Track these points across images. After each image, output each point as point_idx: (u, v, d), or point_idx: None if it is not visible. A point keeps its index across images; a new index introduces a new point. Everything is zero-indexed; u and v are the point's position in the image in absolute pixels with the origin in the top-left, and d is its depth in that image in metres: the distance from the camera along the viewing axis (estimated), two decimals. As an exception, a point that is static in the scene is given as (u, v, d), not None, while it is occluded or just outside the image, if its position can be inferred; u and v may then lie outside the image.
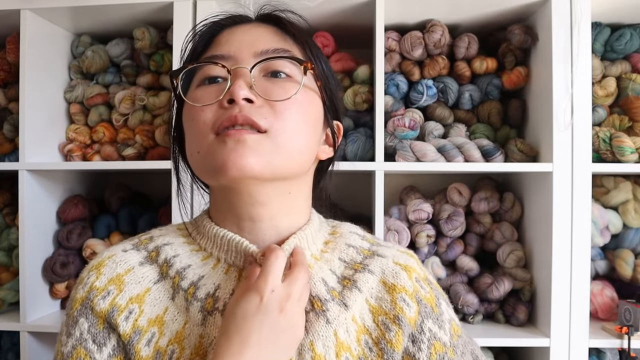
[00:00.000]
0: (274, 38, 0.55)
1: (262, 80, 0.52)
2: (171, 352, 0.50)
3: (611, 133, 1.15)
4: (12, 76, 1.32)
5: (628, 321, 1.10)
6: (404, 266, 0.57)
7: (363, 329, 0.53)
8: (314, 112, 0.55)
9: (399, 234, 1.19)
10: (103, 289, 0.52)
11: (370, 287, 0.55)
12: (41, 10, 1.19)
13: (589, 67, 1.09)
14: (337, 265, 0.56)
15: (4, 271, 1.31)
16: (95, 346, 0.51)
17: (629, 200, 1.21)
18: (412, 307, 0.54)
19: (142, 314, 0.52)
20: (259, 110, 0.49)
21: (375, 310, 0.54)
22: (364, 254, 0.58)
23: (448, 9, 1.18)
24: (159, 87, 1.31)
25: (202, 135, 0.50)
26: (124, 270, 0.54)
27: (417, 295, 0.55)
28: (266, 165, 0.48)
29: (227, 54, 0.53)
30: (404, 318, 0.53)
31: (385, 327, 0.53)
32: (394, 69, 1.24)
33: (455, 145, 1.15)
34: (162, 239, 0.58)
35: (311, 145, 0.54)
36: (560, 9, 1.09)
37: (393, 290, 0.55)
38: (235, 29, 0.56)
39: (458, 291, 1.19)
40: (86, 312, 0.52)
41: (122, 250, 0.56)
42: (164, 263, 0.55)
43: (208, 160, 0.50)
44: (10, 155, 1.33)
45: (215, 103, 0.50)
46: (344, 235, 0.60)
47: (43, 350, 1.23)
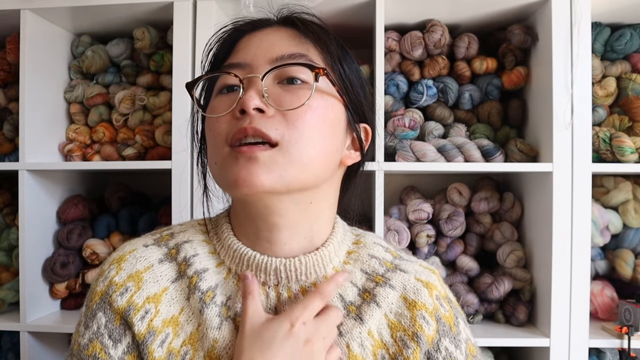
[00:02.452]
0: (291, 42, 0.54)
1: (276, 87, 0.51)
2: (184, 354, 0.51)
3: (611, 133, 1.15)
4: (12, 76, 1.32)
5: (628, 321, 1.10)
6: (425, 283, 0.56)
7: (380, 343, 0.53)
8: (331, 118, 0.53)
9: (399, 234, 1.19)
10: (122, 284, 0.52)
11: (390, 302, 0.54)
12: (41, 10, 1.19)
13: (589, 67, 1.09)
14: (359, 277, 0.56)
15: (4, 271, 1.31)
16: (110, 342, 0.51)
17: (629, 200, 1.21)
18: (431, 325, 0.54)
19: (158, 314, 0.52)
20: (270, 121, 0.49)
21: (394, 326, 0.54)
22: (386, 266, 0.57)
23: (448, 9, 1.18)
24: (159, 87, 1.31)
25: (218, 147, 0.51)
26: (143, 268, 0.54)
27: (437, 314, 0.55)
28: (278, 180, 0.48)
29: (243, 61, 0.52)
30: (422, 336, 0.53)
31: (404, 343, 0.53)
32: (394, 69, 1.24)
33: (455, 145, 1.15)
34: (183, 235, 0.58)
35: (329, 153, 0.52)
36: (560, 9, 1.09)
37: (414, 307, 0.54)
38: (254, 35, 0.55)
39: (458, 291, 1.18)
40: (104, 307, 0.52)
41: (144, 245, 0.56)
42: (183, 261, 0.55)
43: (222, 173, 0.50)
44: (10, 155, 1.33)
45: (228, 113, 0.50)
46: (367, 246, 0.59)
47: (43, 350, 1.23)
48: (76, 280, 1.29)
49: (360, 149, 0.59)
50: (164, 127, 1.24)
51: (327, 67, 0.54)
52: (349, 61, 0.58)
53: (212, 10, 1.14)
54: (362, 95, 0.58)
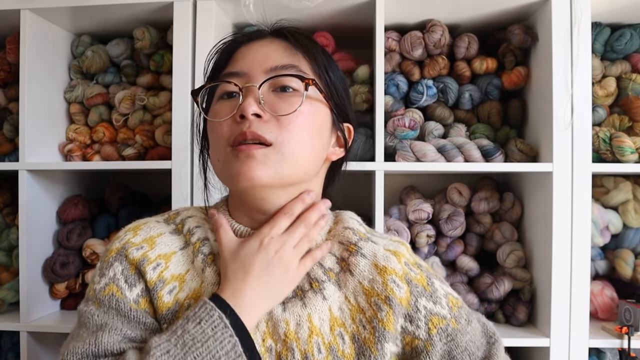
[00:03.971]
0: (283, 53, 0.61)
1: (271, 95, 0.59)
2: (187, 306, 0.58)
3: (611, 133, 1.15)
4: (12, 76, 1.32)
5: (628, 321, 1.10)
6: (394, 252, 0.63)
7: (358, 308, 0.60)
8: (319, 121, 0.61)
9: (399, 234, 1.19)
10: (138, 244, 0.61)
11: (362, 270, 0.61)
12: (41, 10, 1.19)
13: (589, 67, 1.09)
14: (337, 248, 0.64)
15: (4, 271, 1.31)
16: (126, 285, 0.59)
17: (629, 200, 1.21)
18: (402, 287, 0.60)
19: (167, 268, 0.60)
20: (266, 125, 0.56)
21: (369, 292, 0.60)
22: (359, 235, 0.64)
23: (448, 9, 1.18)
24: (159, 87, 1.31)
25: (221, 147, 0.59)
26: (156, 234, 0.62)
27: (407, 277, 0.61)
28: (273, 175, 0.56)
29: (241, 71, 0.60)
30: (394, 298, 0.59)
31: (377, 307, 0.59)
32: (394, 69, 1.24)
33: (455, 145, 1.15)
34: (187, 212, 0.68)
35: (316, 152, 0.61)
36: (560, 9, 1.09)
37: (384, 272, 0.61)
38: (250, 46, 0.62)
39: (458, 291, 1.18)
40: (120, 258, 0.60)
41: (156, 221, 0.66)
42: (188, 232, 0.64)
43: (225, 169, 0.58)
44: (10, 155, 1.33)
45: (229, 118, 0.58)
46: (343, 220, 0.67)
47: (43, 350, 1.23)
48: (76, 280, 1.29)
49: (344, 145, 0.67)
50: (164, 127, 1.24)
51: (315, 76, 0.62)
52: (334, 69, 0.65)
53: (212, 10, 1.14)
54: (346, 99, 0.67)
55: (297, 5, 1.11)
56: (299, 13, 1.19)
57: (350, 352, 0.58)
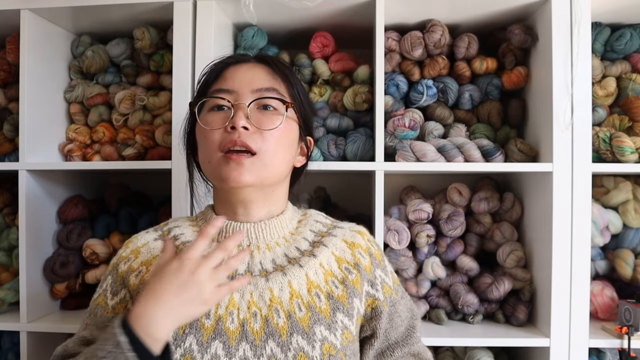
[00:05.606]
0: (266, 77, 0.74)
1: (256, 111, 0.71)
2: None
3: (611, 133, 1.15)
4: (12, 76, 1.32)
5: (628, 321, 1.10)
6: (358, 231, 0.80)
7: (330, 272, 0.73)
8: (291, 136, 0.75)
9: (399, 234, 1.19)
10: (126, 257, 0.74)
11: (334, 244, 0.76)
12: (41, 10, 1.19)
13: (589, 67, 1.09)
14: (309, 234, 0.78)
15: (4, 271, 1.31)
16: (110, 295, 0.72)
17: (629, 200, 1.21)
18: (365, 258, 0.76)
19: (148, 272, 0.71)
20: (252, 136, 0.69)
21: (339, 260, 0.75)
22: (327, 227, 0.80)
23: (448, 9, 1.18)
24: (159, 87, 1.31)
25: (212, 151, 0.71)
26: (141, 244, 0.75)
27: (369, 251, 0.78)
28: (256, 179, 0.70)
29: (231, 88, 0.72)
30: (361, 265, 0.75)
31: (348, 271, 0.74)
32: (394, 69, 1.24)
33: (455, 145, 1.15)
34: (174, 223, 0.80)
35: (288, 160, 0.75)
36: (560, 9, 1.09)
37: (352, 246, 0.77)
38: (238, 67, 0.75)
39: (458, 291, 1.19)
40: (113, 272, 0.74)
41: (145, 232, 0.79)
42: (172, 237, 0.76)
43: (216, 171, 0.70)
44: (10, 155, 1.33)
45: (221, 128, 0.70)
46: (312, 215, 0.82)
47: (43, 350, 1.23)
48: (76, 280, 1.29)
49: (306, 154, 0.82)
50: (164, 127, 1.24)
51: (290, 97, 0.75)
52: (303, 90, 0.79)
53: (212, 10, 1.14)
54: (309, 113, 0.81)
55: (297, 5, 1.11)
56: (299, 13, 1.19)
57: (326, 307, 0.70)
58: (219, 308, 0.68)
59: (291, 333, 0.67)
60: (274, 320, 0.68)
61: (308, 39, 1.26)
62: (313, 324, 0.68)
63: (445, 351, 1.21)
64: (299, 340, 0.67)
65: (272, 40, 1.31)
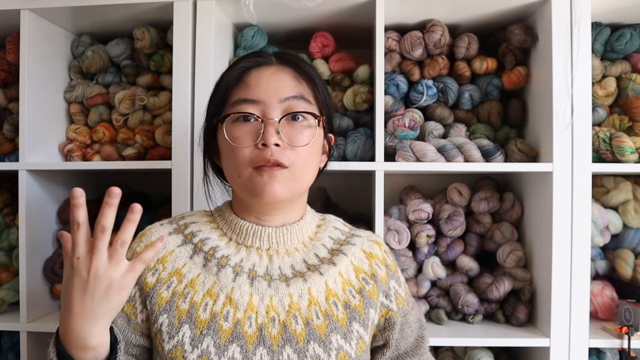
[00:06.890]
0: (292, 83, 0.71)
1: (285, 124, 0.69)
2: (205, 305, 0.68)
3: (611, 133, 1.15)
4: (12, 76, 1.32)
5: (628, 321, 1.10)
6: (375, 242, 0.80)
7: (348, 282, 0.74)
8: (319, 143, 0.74)
9: (399, 234, 1.19)
10: (140, 252, 0.67)
11: (353, 252, 0.76)
12: (41, 10, 1.19)
13: (589, 67, 1.09)
14: (328, 241, 0.78)
15: (4, 271, 1.31)
16: None
17: (629, 200, 1.21)
18: (382, 269, 0.77)
19: (165, 269, 0.70)
20: (284, 152, 0.68)
21: (357, 270, 0.75)
22: (346, 235, 0.80)
23: (448, 9, 1.18)
24: (159, 87, 1.31)
25: (242, 166, 0.69)
26: (156, 238, 0.73)
27: (386, 262, 0.79)
28: (288, 192, 0.69)
29: (257, 98, 0.69)
30: (377, 276, 0.76)
31: (365, 281, 0.75)
32: (394, 69, 1.24)
33: (455, 145, 1.15)
34: (191, 218, 0.78)
35: (316, 167, 0.75)
36: (560, 9, 1.09)
37: (370, 256, 0.77)
38: (261, 72, 0.72)
39: (458, 291, 1.19)
40: None
41: (160, 224, 0.76)
42: (190, 234, 0.74)
43: (249, 185, 0.69)
44: (10, 155, 1.33)
45: (252, 145, 0.68)
46: (331, 221, 0.82)
47: (43, 350, 1.23)
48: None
49: (327, 153, 0.80)
50: (164, 127, 1.24)
51: (314, 100, 0.73)
52: (325, 89, 0.77)
53: (212, 10, 1.14)
54: (332, 111, 0.80)
55: (297, 5, 1.11)
56: (299, 13, 1.19)
57: (343, 316, 0.70)
58: (237, 311, 0.67)
59: (308, 340, 0.67)
60: (292, 326, 0.68)
61: (308, 39, 1.26)
62: (330, 332, 0.68)
63: (445, 351, 1.22)
64: (315, 347, 0.67)
65: (272, 40, 1.31)
